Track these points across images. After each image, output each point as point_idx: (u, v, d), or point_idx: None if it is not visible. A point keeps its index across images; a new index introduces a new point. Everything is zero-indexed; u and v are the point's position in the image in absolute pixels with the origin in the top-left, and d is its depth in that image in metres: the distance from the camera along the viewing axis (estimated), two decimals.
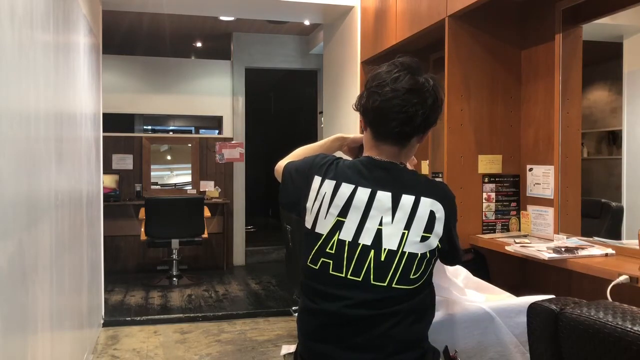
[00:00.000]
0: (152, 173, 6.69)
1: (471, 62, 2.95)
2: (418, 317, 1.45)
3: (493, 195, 3.00)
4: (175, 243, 5.86)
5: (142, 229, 5.88)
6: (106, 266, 4.64)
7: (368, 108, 1.49)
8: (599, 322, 1.04)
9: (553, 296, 1.30)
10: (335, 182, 1.49)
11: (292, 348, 1.63)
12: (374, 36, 4.01)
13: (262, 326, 4.42)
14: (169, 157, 7.00)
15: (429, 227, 1.43)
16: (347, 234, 1.44)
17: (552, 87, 2.76)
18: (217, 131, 7.72)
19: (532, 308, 1.23)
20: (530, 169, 2.95)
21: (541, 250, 2.32)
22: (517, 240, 2.67)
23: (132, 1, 4.68)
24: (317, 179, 1.52)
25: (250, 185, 7.40)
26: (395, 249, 1.41)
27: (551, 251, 2.29)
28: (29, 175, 1.86)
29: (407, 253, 1.41)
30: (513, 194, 3.03)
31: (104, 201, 4.69)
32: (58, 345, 2.43)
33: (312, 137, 7.38)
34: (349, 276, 1.42)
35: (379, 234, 1.42)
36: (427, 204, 1.43)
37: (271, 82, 8.83)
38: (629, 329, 0.99)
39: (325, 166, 1.54)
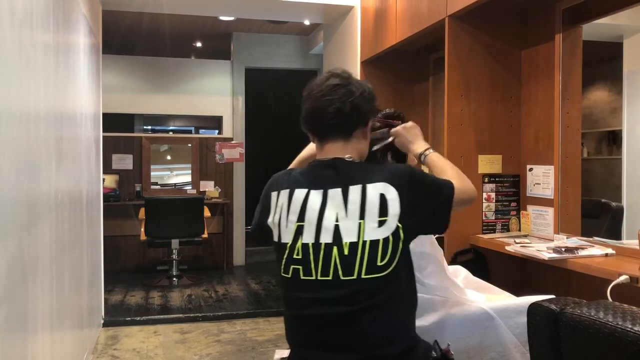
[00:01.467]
0: (152, 173, 6.69)
1: (471, 62, 2.95)
2: (397, 309, 1.45)
3: (493, 195, 3.00)
4: (175, 243, 5.86)
5: (142, 229, 5.87)
6: (106, 266, 4.63)
7: (305, 115, 1.56)
8: (599, 322, 1.04)
9: (553, 296, 1.30)
10: (289, 190, 1.53)
11: (285, 353, 1.64)
12: (374, 36, 4.01)
13: (262, 326, 4.42)
14: (169, 157, 7.00)
15: (383, 210, 1.43)
16: (308, 236, 1.46)
17: (552, 87, 2.76)
18: (217, 131, 7.72)
19: (532, 308, 1.23)
20: (530, 169, 2.95)
21: (541, 250, 2.32)
22: (517, 240, 2.67)
23: (132, 1, 4.68)
24: (274, 195, 1.57)
25: (250, 185, 7.39)
26: (355, 240, 1.42)
27: (551, 251, 2.29)
28: (29, 175, 1.86)
29: (368, 241, 1.42)
30: (513, 194, 3.03)
31: (104, 201, 4.69)
32: (58, 345, 2.43)
33: None
34: (319, 277, 1.44)
35: (337, 230, 1.44)
36: (375, 189, 1.45)
37: (271, 82, 8.83)
38: (629, 329, 0.99)
39: (280, 180, 1.59)
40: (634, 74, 2.90)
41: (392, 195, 1.44)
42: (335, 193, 1.47)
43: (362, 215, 1.43)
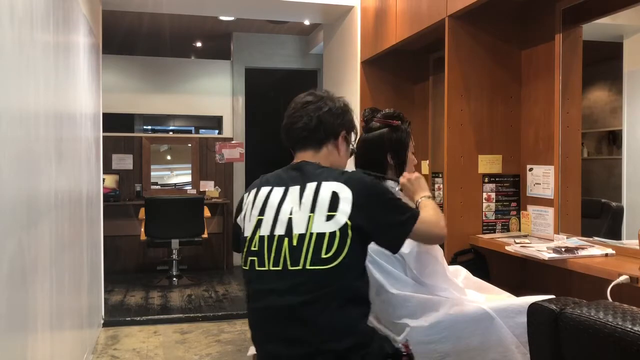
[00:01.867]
0: (152, 173, 6.69)
1: (471, 62, 2.95)
2: (345, 303, 1.49)
3: (493, 195, 3.00)
4: (175, 243, 5.86)
5: (142, 229, 5.87)
6: (106, 266, 4.63)
7: (282, 129, 1.72)
8: (599, 322, 1.04)
9: (553, 296, 1.30)
10: (256, 189, 1.66)
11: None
12: (374, 36, 4.01)
13: None
14: (169, 157, 7.00)
15: (333, 206, 1.51)
16: (265, 229, 1.56)
17: (552, 87, 2.76)
18: (217, 131, 7.72)
19: (532, 308, 1.23)
20: (530, 169, 2.95)
21: (541, 251, 2.32)
22: (517, 240, 2.67)
23: (132, 1, 4.68)
24: (245, 195, 1.70)
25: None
26: (304, 232, 1.51)
27: (551, 251, 2.29)
28: (29, 175, 1.86)
29: (315, 234, 1.49)
30: (513, 194, 3.03)
31: (104, 201, 4.69)
32: (58, 345, 2.43)
33: None
34: (271, 268, 1.53)
35: (290, 223, 1.53)
36: (329, 187, 1.54)
37: (271, 82, 8.83)
38: (629, 329, 0.99)
39: (254, 183, 1.72)
40: (634, 74, 2.90)
41: (345, 195, 1.53)
42: (294, 189, 1.58)
43: (312, 209, 1.52)
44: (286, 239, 1.52)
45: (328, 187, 1.54)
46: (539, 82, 2.90)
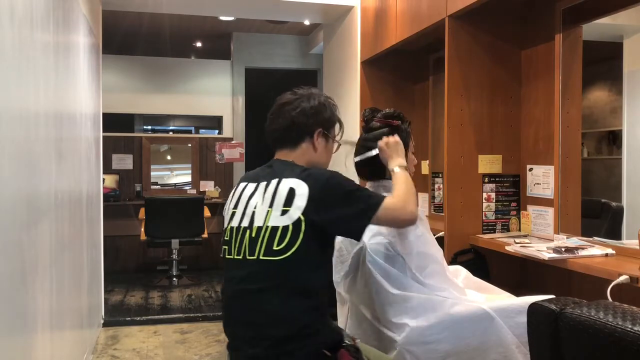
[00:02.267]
0: (152, 173, 6.69)
1: (471, 62, 2.94)
2: (292, 294, 1.58)
3: (493, 195, 2.99)
4: (175, 243, 5.86)
5: (142, 229, 5.87)
6: (106, 266, 4.63)
7: (265, 130, 1.83)
8: (599, 322, 1.04)
9: (553, 296, 1.30)
10: (237, 185, 1.80)
11: None
12: (374, 36, 4.01)
13: None
14: (169, 157, 7.00)
15: (289, 201, 1.60)
16: (235, 221, 1.70)
17: (552, 87, 2.76)
18: (217, 131, 7.72)
19: (532, 308, 1.23)
20: (530, 169, 2.95)
21: (541, 250, 2.32)
22: (517, 240, 2.67)
23: (132, 1, 4.68)
24: (231, 193, 1.83)
25: None
26: (261, 225, 1.62)
27: (551, 251, 2.29)
28: (29, 175, 1.86)
29: (270, 227, 1.60)
30: (513, 194, 3.03)
31: (104, 201, 4.69)
32: (58, 345, 2.43)
33: None
34: (235, 256, 1.66)
35: (253, 216, 1.65)
36: (288, 183, 1.64)
37: (271, 82, 8.83)
38: (629, 329, 0.99)
39: (238, 181, 1.85)
40: (634, 74, 2.90)
41: (302, 191, 1.61)
42: (262, 185, 1.70)
43: (271, 204, 1.63)
44: (248, 231, 1.64)
45: (287, 184, 1.64)
46: (539, 82, 2.90)
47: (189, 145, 6.87)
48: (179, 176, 6.95)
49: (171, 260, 5.92)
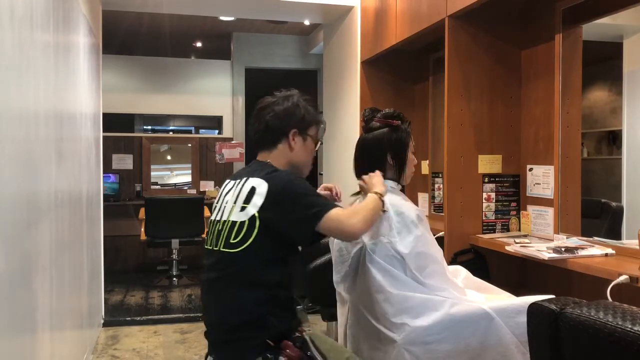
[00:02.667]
0: (152, 173, 6.69)
1: (471, 62, 2.94)
2: (243, 285, 1.69)
3: (493, 195, 2.99)
4: (175, 243, 5.86)
5: (142, 229, 5.87)
6: (106, 266, 4.63)
7: None
8: (599, 322, 1.04)
9: (553, 296, 1.30)
10: (224, 183, 1.92)
11: None
12: (374, 36, 4.01)
13: None
14: (169, 157, 7.00)
15: (248, 199, 1.74)
16: (213, 214, 1.86)
17: (552, 87, 2.76)
18: (217, 131, 7.72)
19: (532, 308, 1.23)
20: (530, 169, 2.95)
21: (541, 250, 2.32)
22: (517, 240, 2.67)
23: (132, 1, 4.68)
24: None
25: None
26: (226, 219, 1.77)
27: (551, 251, 2.29)
28: (29, 175, 1.86)
29: (230, 221, 1.75)
30: (513, 194, 3.03)
31: (104, 201, 4.69)
32: (58, 345, 2.43)
33: None
34: (208, 246, 1.82)
35: (223, 210, 1.80)
36: (252, 182, 1.76)
37: (271, 82, 8.83)
38: (629, 329, 0.99)
39: None
40: (634, 74, 2.90)
41: (262, 190, 1.73)
42: (237, 182, 1.82)
43: (235, 201, 1.76)
44: (218, 224, 1.80)
45: (251, 182, 1.76)
46: (539, 82, 2.90)
47: (189, 145, 6.87)
48: (179, 176, 6.95)
49: (171, 260, 5.92)
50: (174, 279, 5.88)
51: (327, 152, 5.35)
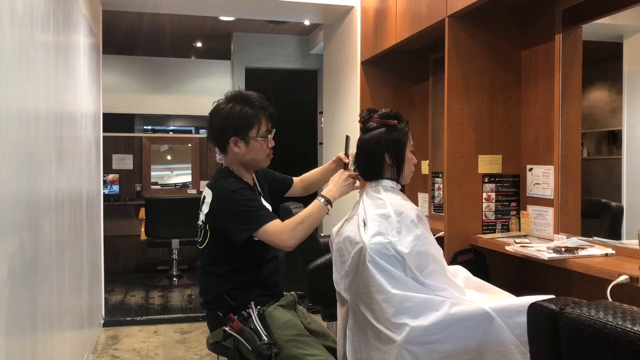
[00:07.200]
0: (152, 173, 6.69)
1: (471, 62, 2.94)
2: (209, 273, 2.13)
3: (493, 195, 2.99)
4: (175, 243, 5.86)
5: (142, 229, 5.87)
6: (106, 266, 4.63)
7: None
8: (599, 322, 1.04)
9: (553, 296, 1.30)
10: None
11: None
12: (374, 36, 4.01)
13: None
14: (169, 157, 7.00)
15: (201, 205, 2.11)
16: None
17: (552, 87, 2.76)
18: None
19: (532, 308, 1.23)
20: (530, 169, 2.95)
21: (541, 250, 2.32)
22: (517, 240, 2.67)
23: (132, 1, 4.68)
24: None
25: None
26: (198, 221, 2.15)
27: (551, 251, 2.29)
28: (29, 175, 1.86)
29: (198, 223, 2.13)
30: (513, 194, 3.03)
31: (104, 201, 4.69)
32: (58, 345, 2.43)
33: (312, 138, 7.38)
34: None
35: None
36: (205, 190, 2.11)
37: (271, 82, 8.84)
38: (629, 329, 0.99)
39: None
40: (634, 74, 2.90)
41: (208, 199, 2.07)
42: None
43: (201, 206, 2.12)
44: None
45: (205, 190, 2.11)
46: (539, 82, 2.90)
47: (189, 145, 6.87)
48: (179, 176, 6.95)
49: (171, 260, 5.92)
50: (174, 279, 5.88)
51: (327, 151, 5.36)
